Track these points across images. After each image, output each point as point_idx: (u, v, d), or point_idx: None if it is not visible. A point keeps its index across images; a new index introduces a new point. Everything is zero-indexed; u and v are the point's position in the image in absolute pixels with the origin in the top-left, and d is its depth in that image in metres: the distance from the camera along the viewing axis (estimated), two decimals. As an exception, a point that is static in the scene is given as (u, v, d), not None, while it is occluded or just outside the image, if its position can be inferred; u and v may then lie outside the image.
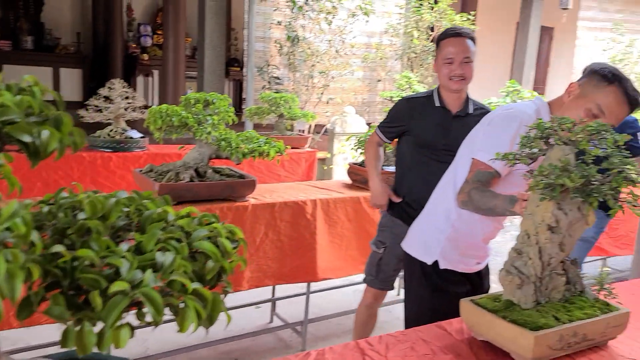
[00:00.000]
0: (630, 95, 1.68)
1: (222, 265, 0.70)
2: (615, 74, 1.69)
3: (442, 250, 1.94)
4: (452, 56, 2.24)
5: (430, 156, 2.34)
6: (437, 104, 2.34)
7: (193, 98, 2.54)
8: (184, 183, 2.39)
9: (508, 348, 1.32)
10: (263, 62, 6.22)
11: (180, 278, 0.61)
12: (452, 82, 2.26)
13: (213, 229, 0.74)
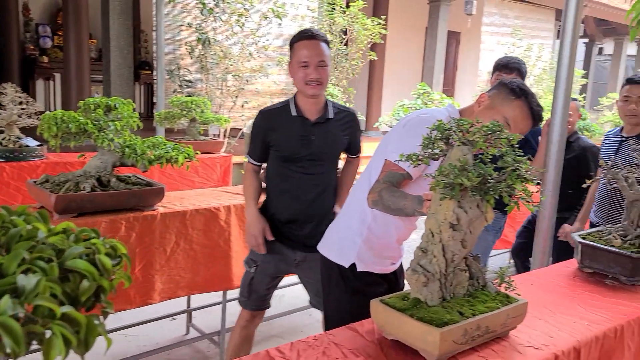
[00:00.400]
0: (534, 110, 1.80)
1: (100, 285, 0.64)
2: (522, 88, 1.81)
3: (359, 253, 1.95)
4: (307, 59, 2.14)
5: (295, 169, 2.26)
6: (294, 113, 2.24)
7: (93, 103, 2.39)
8: (84, 193, 2.25)
9: (416, 346, 1.34)
10: (174, 65, 6.03)
11: (46, 302, 0.55)
12: (308, 86, 2.17)
13: (90, 246, 0.68)
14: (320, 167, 2.29)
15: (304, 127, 2.24)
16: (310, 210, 2.31)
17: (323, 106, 2.28)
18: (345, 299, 1.99)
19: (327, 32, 7.02)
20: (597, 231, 2.10)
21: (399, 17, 10.15)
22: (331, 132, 2.29)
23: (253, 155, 2.37)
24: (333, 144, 2.31)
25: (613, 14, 12.26)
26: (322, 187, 2.31)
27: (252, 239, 2.31)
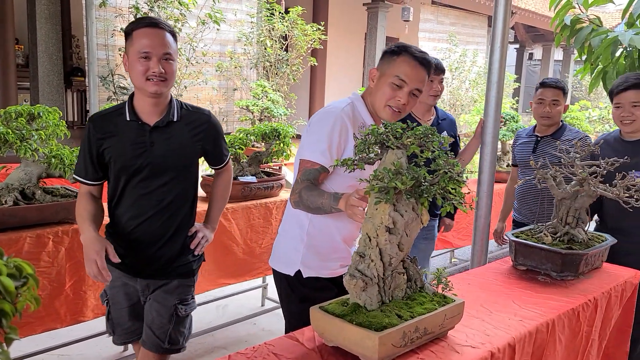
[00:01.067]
0: (418, 57, 1.83)
1: (1, 309, 0.59)
2: (399, 45, 1.87)
3: (303, 259, 1.92)
4: (149, 50, 1.81)
5: (134, 184, 1.92)
6: (129, 118, 1.90)
7: (14, 111, 2.26)
8: (6, 207, 2.11)
9: (356, 351, 1.33)
10: (107, 71, 5.82)
11: None
12: (149, 83, 1.84)
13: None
14: (163, 179, 1.94)
15: (141, 133, 1.90)
16: (150, 229, 1.96)
17: (167, 107, 1.95)
18: (296, 309, 1.95)
19: (267, 37, 7.00)
20: (529, 229, 2.17)
21: (339, 23, 10.25)
22: (178, 137, 1.95)
23: (81, 174, 1.93)
24: (179, 152, 1.96)
25: (540, 21, 12.90)
26: (166, 203, 1.96)
27: (92, 265, 1.77)
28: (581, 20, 3.42)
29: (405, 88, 1.82)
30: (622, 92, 2.49)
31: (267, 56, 7.11)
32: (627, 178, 1.90)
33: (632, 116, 2.48)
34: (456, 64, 10.77)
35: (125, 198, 1.94)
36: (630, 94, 2.47)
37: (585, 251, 1.92)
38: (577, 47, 3.38)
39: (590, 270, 2.03)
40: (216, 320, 3.63)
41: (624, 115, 2.50)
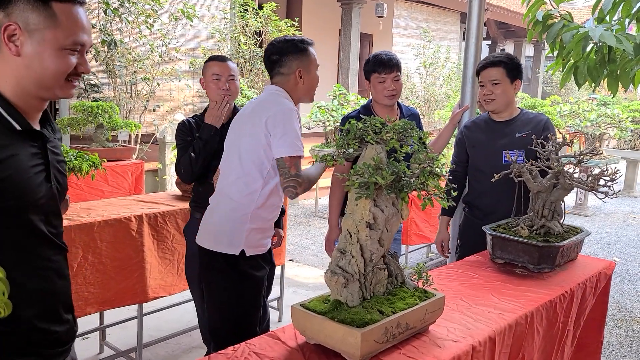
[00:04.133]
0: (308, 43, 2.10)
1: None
2: (304, 39, 2.09)
3: (247, 239, 2.01)
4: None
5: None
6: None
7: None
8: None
9: (338, 348, 1.32)
10: (77, 68, 5.68)
11: None
12: None
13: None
14: None
15: None
16: None
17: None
18: (231, 285, 2.04)
19: (241, 33, 6.94)
20: (505, 222, 2.20)
21: (313, 19, 10.23)
22: None
23: None
24: None
25: (512, 18, 13.09)
26: None
27: None
28: (553, 16, 3.46)
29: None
30: (482, 70, 2.49)
31: (241, 52, 7.05)
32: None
33: (492, 94, 2.47)
34: (430, 60, 10.87)
35: None
36: (490, 72, 2.47)
37: (561, 243, 1.94)
38: (549, 42, 3.42)
39: (566, 262, 2.06)
40: (192, 321, 3.59)
41: (485, 94, 2.49)
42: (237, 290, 2.04)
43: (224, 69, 2.44)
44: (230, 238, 2.01)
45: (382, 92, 2.57)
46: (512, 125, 2.53)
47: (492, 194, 2.48)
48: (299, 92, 2.10)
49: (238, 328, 2.04)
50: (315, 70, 2.11)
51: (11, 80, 1.18)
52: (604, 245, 5.93)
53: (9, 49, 1.15)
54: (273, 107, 1.98)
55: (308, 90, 2.12)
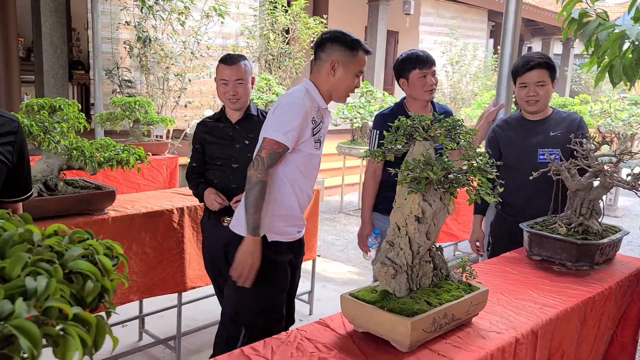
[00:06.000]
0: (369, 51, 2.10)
1: (103, 285, 0.63)
2: (354, 40, 2.05)
3: (270, 225, 2.07)
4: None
5: None
6: None
7: (37, 104, 2.28)
8: (31, 199, 2.14)
9: (387, 336, 1.38)
10: (112, 64, 5.83)
11: (58, 304, 0.54)
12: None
13: (88, 246, 0.67)
14: None
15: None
16: None
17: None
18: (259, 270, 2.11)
19: (270, 30, 7.01)
20: (542, 220, 2.22)
21: (340, 17, 10.26)
22: None
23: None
24: None
25: (541, 15, 12.94)
26: None
27: None
28: (588, 14, 3.46)
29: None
30: (527, 72, 2.50)
31: (269, 49, 7.13)
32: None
33: (537, 96, 2.49)
34: (457, 58, 10.82)
35: None
36: (535, 74, 2.48)
37: (600, 242, 1.97)
38: (584, 40, 3.42)
39: (604, 261, 2.09)
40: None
41: (530, 95, 2.50)
42: (260, 274, 2.10)
43: (232, 72, 2.40)
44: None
45: (422, 87, 2.61)
46: (545, 123, 2.56)
47: (524, 191, 2.51)
48: (328, 84, 2.07)
49: (261, 310, 2.12)
50: (353, 72, 2.06)
51: None
52: (635, 246, 5.88)
53: None
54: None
55: (337, 87, 2.08)
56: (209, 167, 2.51)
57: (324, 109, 2.10)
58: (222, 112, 2.53)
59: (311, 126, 2.02)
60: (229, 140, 2.46)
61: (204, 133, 2.51)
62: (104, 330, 0.60)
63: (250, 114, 2.50)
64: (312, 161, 2.10)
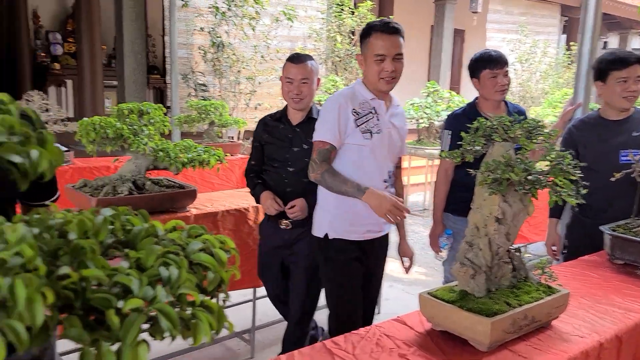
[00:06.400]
0: (384, 28, 2.03)
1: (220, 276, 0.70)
2: (366, 26, 2.10)
3: (330, 223, 2.16)
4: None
5: None
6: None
7: (127, 108, 2.45)
8: (122, 197, 2.31)
9: (466, 335, 1.39)
10: (187, 69, 6.09)
11: (189, 291, 0.61)
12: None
13: (205, 241, 0.74)
14: None
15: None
16: None
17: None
18: (321, 267, 2.24)
19: (336, 32, 7.09)
20: (625, 223, 2.15)
21: (405, 17, 10.18)
22: None
23: None
24: None
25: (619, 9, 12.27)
26: None
27: None
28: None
29: (388, 59, 2.05)
30: (628, 67, 2.40)
31: (336, 51, 7.20)
32: None
33: (636, 92, 2.41)
34: (526, 56, 10.47)
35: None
36: (635, 69, 2.39)
37: (690, 245, 1.88)
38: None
39: (694, 266, 1.99)
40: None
41: (630, 90, 2.40)
42: (323, 273, 2.23)
43: (298, 71, 2.37)
44: (319, 222, 2.22)
45: (493, 87, 2.58)
46: (628, 123, 2.47)
47: (605, 193, 2.42)
48: (365, 78, 2.15)
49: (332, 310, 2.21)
50: (371, 59, 2.04)
51: None
52: None
53: None
54: None
55: (368, 78, 2.12)
56: (266, 168, 2.49)
57: (371, 99, 2.12)
58: (283, 112, 2.50)
59: (352, 118, 2.07)
60: (288, 143, 2.43)
61: (264, 132, 2.49)
62: (223, 316, 0.66)
63: (312, 118, 2.45)
64: (362, 152, 2.10)
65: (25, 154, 0.59)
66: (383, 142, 2.13)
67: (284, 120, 2.47)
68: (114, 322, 0.53)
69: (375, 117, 2.12)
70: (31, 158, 0.60)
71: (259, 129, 2.53)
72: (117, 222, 0.75)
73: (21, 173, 0.60)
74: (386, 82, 2.09)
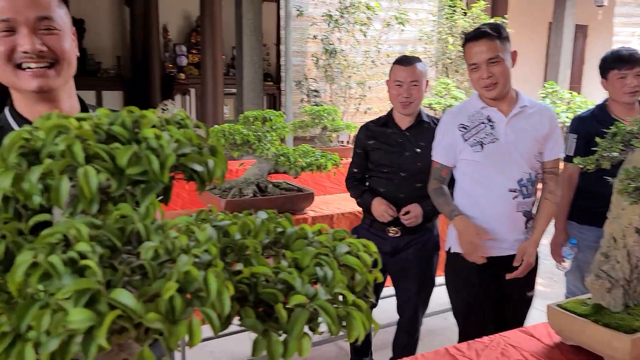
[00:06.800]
0: (473, 35, 2.00)
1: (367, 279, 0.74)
2: (463, 37, 2.11)
3: (454, 237, 2.12)
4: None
5: None
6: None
7: (252, 116, 2.61)
8: (248, 199, 2.46)
9: (602, 351, 1.32)
10: (300, 76, 6.31)
11: (343, 290, 0.66)
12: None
13: (350, 244, 0.78)
14: None
15: None
16: None
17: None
18: (448, 279, 2.24)
19: (448, 34, 6.96)
20: None
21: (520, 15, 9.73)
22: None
23: None
24: None
25: None
26: None
27: None
28: None
29: (482, 66, 1.97)
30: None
31: (447, 53, 7.07)
32: None
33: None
34: (660, 50, 9.55)
35: None
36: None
37: None
38: None
39: None
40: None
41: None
42: (449, 283, 2.23)
43: (407, 74, 2.30)
44: (448, 235, 2.22)
45: (621, 89, 2.42)
46: None
47: None
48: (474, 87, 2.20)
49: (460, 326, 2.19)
50: (469, 69, 2.05)
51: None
52: None
53: None
54: None
55: (475, 88, 2.11)
56: (373, 175, 2.43)
57: (482, 108, 2.05)
58: (389, 117, 2.44)
59: (460, 133, 2.05)
60: (398, 147, 2.37)
61: (369, 138, 2.42)
62: (370, 316, 0.70)
63: (422, 120, 2.41)
64: (475, 165, 2.04)
65: (204, 163, 0.68)
66: (501, 150, 2.01)
67: (392, 125, 2.41)
68: (282, 316, 0.59)
69: (489, 126, 2.03)
70: (208, 167, 0.68)
71: (361, 135, 2.48)
72: (271, 224, 0.81)
73: (200, 180, 0.68)
74: (487, 90, 2.00)
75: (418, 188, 2.31)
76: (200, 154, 0.71)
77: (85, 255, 0.51)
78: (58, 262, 0.49)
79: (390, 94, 2.38)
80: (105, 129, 0.65)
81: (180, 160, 0.67)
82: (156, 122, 0.72)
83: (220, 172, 0.70)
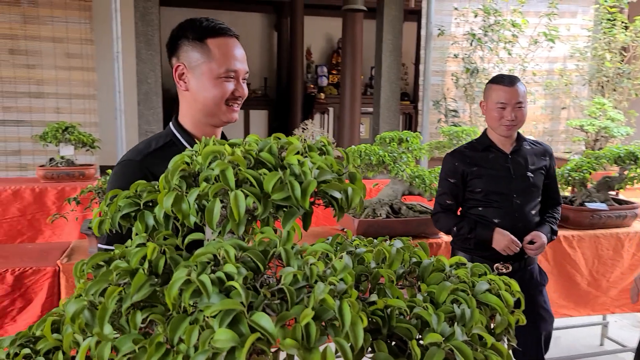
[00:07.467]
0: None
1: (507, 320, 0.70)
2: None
3: None
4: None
5: None
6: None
7: (388, 137, 2.62)
8: (381, 219, 2.46)
9: None
10: (439, 95, 6.20)
11: (482, 332, 0.62)
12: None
13: (491, 281, 0.74)
14: None
15: None
16: None
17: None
18: None
19: (605, 50, 6.38)
20: None
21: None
22: None
23: None
24: None
25: None
26: None
27: None
28: None
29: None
30: None
31: (603, 70, 6.48)
32: None
33: None
34: None
35: None
36: None
37: None
38: None
39: None
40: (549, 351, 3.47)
41: None
42: None
43: (511, 95, 2.15)
44: None
45: None
46: None
47: None
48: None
49: None
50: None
51: (187, 113, 1.38)
52: None
53: (180, 86, 1.35)
54: None
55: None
56: (479, 205, 2.24)
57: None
58: (487, 140, 2.27)
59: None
60: (506, 172, 2.21)
61: (468, 165, 2.24)
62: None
63: (525, 140, 2.27)
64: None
65: (343, 191, 0.69)
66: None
67: (493, 150, 2.25)
68: (416, 353, 0.57)
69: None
70: (347, 194, 0.69)
71: (455, 162, 2.27)
72: (406, 253, 0.80)
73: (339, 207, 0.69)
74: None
75: (533, 215, 2.21)
76: (340, 181, 0.72)
77: (231, 276, 0.55)
78: (207, 281, 0.53)
79: (490, 116, 2.23)
80: (254, 155, 0.69)
81: (321, 187, 0.68)
82: (300, 148, 0.75)
83: (359, 199, 0.70)
